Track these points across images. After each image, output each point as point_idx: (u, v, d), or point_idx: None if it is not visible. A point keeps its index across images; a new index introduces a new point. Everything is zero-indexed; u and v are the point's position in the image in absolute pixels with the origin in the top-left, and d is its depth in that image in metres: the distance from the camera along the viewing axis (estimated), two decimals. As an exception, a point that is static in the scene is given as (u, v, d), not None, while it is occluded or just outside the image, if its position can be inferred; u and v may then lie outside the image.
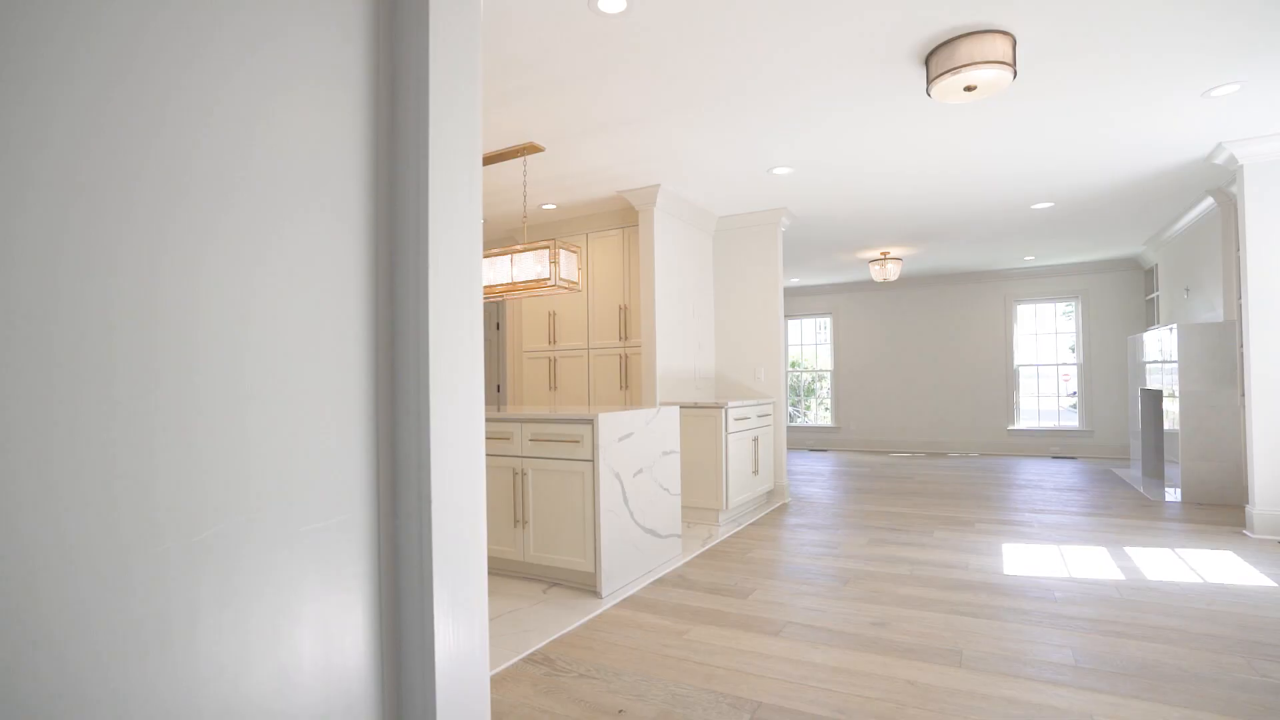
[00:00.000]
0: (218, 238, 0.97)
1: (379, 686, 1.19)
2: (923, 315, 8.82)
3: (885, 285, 9.00)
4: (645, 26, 2.54)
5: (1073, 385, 8.22)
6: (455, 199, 1.27)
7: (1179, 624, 2.52)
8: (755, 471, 4.74)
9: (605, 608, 2.81)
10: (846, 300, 9.32)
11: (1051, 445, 8.08)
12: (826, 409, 9.71)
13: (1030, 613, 2.66)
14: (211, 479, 0.95)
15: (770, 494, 5.11)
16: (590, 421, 2.95)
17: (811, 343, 9.85)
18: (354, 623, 1.15)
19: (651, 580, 3.19)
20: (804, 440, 9.57)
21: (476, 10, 1.32)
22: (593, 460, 2.95)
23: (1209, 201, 4.97)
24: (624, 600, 2.91)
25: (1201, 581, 3.02)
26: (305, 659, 1.07)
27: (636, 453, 3.21)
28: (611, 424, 3.02)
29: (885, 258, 7.00)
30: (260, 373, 1.02)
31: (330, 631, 1.11)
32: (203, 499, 0.94)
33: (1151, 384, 5.76)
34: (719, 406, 4.31)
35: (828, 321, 9.57)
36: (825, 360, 9.68)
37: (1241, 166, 3.88)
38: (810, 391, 9.94)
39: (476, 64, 1.33)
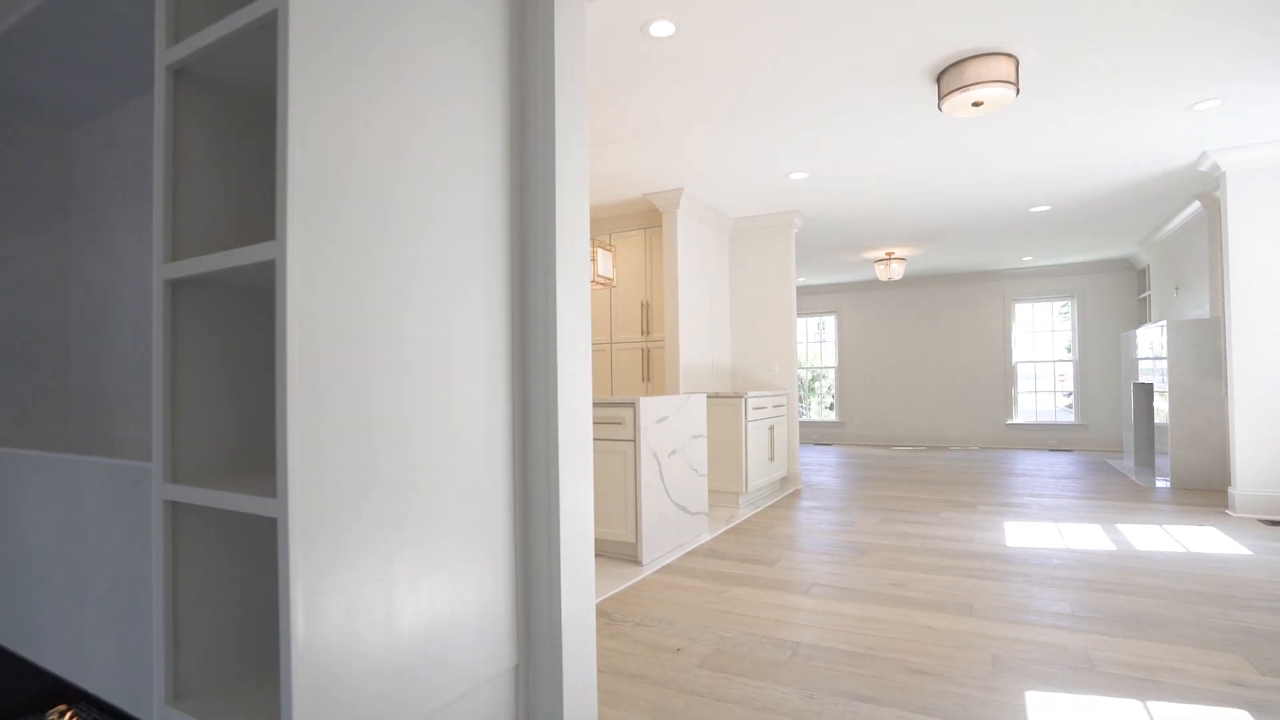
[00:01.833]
0: (421, 294, 1.27)
1: (514, 609, 1.48)
2: (924, 314, 9.13)
3: (889, 284, 9.31)
4: (688, 47, 2.83)
5: (1069, 384, 8.54)
6: (572, 204, 1.57)
7: (1164, 583, 2.82)
8: (771, 458, 5.04)
9: (646, 573, 3.10)
10: (851, 299, 9.62)
11: (1048, 439, 8.40)
12: (827, 407, 10.01)
13: (1032, 576, 2.96)
14: (417, 422, 1.24)
15: (784, 480, 5.41)
16: (632, 405, 3.24)
17: (814, 340, 10.14)
18: (499, 556, 1.45)
19: (684, 552, 3.48)
20: (809, 435, 9.87)
21: (583, 33, 1.62)
22: (634, 440, 3.24)
23: (1196, 205, 5.28)
24: (662, 568, 3.20)
25: (1185, 551, 3.33)
26: (469, 577, 1.36)
27: (670, 435, 3.50)
28: (650, 408, 3.32)
29: (890, 258, 7.31)
30: (443, 355, 1.33)
31: (486, 559, 1.40)
32: (421, 427, 1.24)
33: (1144, 378, 6.07)
34: (739, 396, 4.60)
35: (829, 320, 9.87)
36: (826, 358, 9.98)
37: (1224, 173, 4.19)
38: (810, 390, 10.23)
39: (583, 82, 1.62)
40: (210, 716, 1.14)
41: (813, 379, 10.21)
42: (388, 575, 1.17)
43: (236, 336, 1.33)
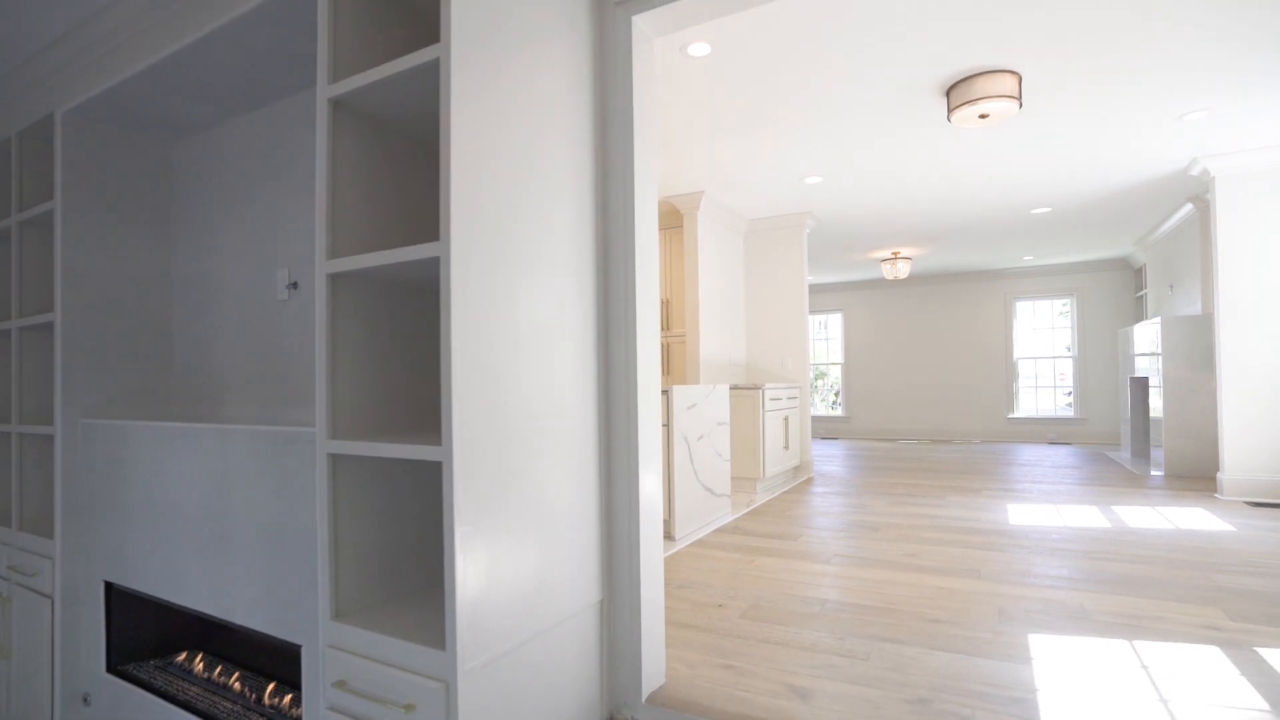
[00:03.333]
0: (535, 287, 1.55)
1: (600, 554, 1.76)
2: (929, 312, 9.41)
3: (894, 283, 9.58)
4: (720, 66, 3.11)
5: (1068, 380, 8.81)
6: (647, 215, 1.85)
7: (1153, 553, 3.10)
8: (786, 447, 5.32)
9: (680, 547, 3.38)
10: (858, 297, 9.90)
11: (1048, 432, 8.68)
12: (829, 405, 10.28)
13: (1033, 547, 3.24)
14: (535, 395, 1.52)
15: (797, 469, 5.68)
16: (666, 392, 3.51)
17: (818, 339, 10.41)
18: (589, 508, 1.72)
19: (712, 529, 3.76)
20: (815, 429, 10.15)
21: (653, 58, 1.90)
22: (667, 425, 3.51)
23: (1188, 208, 5.56)
24: (694, 542, 3.48)
25: (1174, 528, 3.61)
26: (568, 525, 1.64)
27: (699, 421, 3.78)
28: (682, 395, 3.59)
29: (896, 257, 7.58)
30: (551, 341, 1.61)
31: (580, 509, 1.68)
32: (529, 404, 1.52)
33: (1140, 373, 6.35)
34: (757, 388, 4.88)
35: (833, 319, 10.14)
36: (828, 355, 10.26)
37: (1213, 178, 4.46)
38: (813, 387, 10.51)
39: (655, 101, 1.90)
40: (370, 626, 1.42)
41: (816, 376, 10.48)
42: (513, 517, 1.45)
43: (374, 322, 1.60)
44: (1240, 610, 2.32)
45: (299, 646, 1.67)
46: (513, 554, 1.44)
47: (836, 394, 10.30)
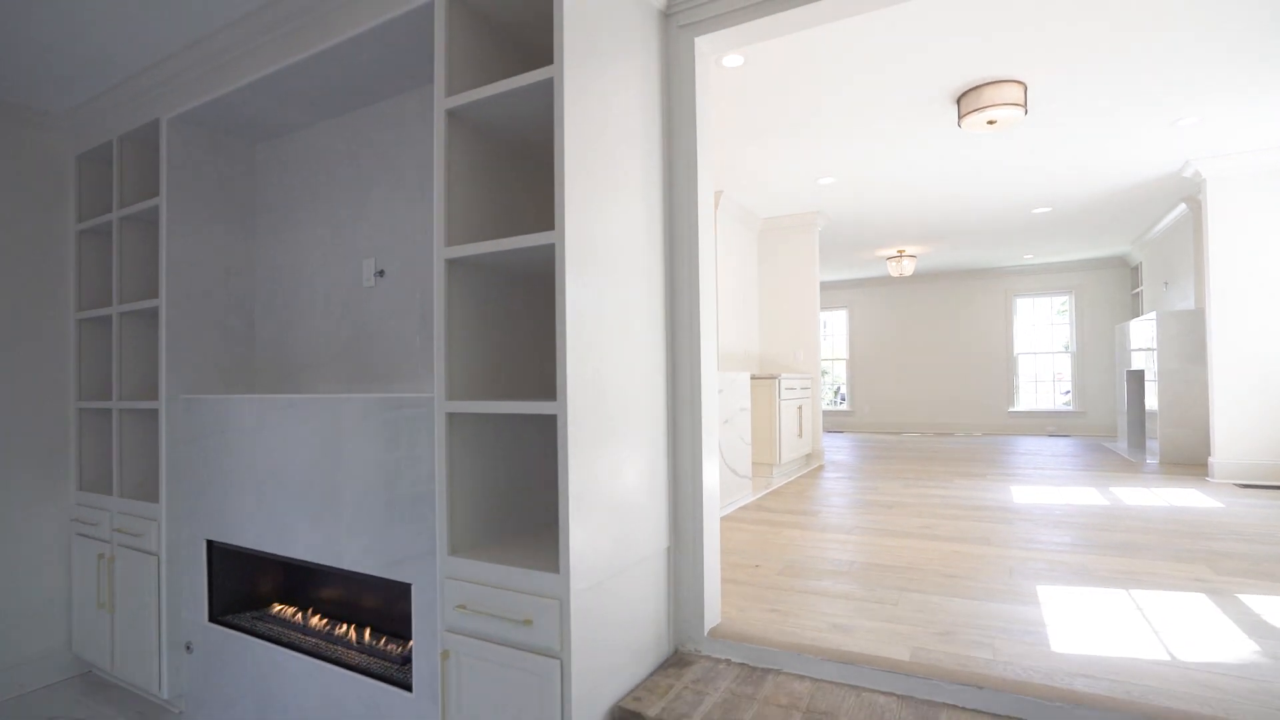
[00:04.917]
0: (618, 282, 1.81)
1: (668, 506, 2.01)
2: (932, 308, 9.69)
3: (899, 280, 9.86)
4: (750, 75, 3.37)
5: (1067, 376, 9.09)
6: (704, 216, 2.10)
7: (1148, 525, 3.36)
8: (800, 435, 5.58)
9: (710, 521, 3.64)
10: (863, 294, 10.17)
11: (1048, 425, 8.97)
12: (829, 401, 10.55)
13: (1037, 521, 3.50)
14: (619, 368, 1.78)
15: (809, 456, 5.95)
16: (696, 378, 3.77)
17: (822, 336, 10.69)
18: (657, 465, 1.98)
19: (736, 507, 4.02)
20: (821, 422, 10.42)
21: (709, 75, 2.15)
22: (697, 409, 3.77)
23: (1182, 208, 5.84)
24: (722, 518, 3.73)
25: (1168, 505, 3.88)
26: (643, 477, 1.89)
27: (724, 406, 4.04)
28: (710, 381, 3.85)
29: (902, 255, 7.85)
30: (629, 319, 1.87)
31: (651, 465, 1.93)
32: (616, 376, 1.77)
33: (1136, 367, 6.62)
34: (773, 377, 5.14)
35: (837, 315, 10.41)
36: (833, 351, 10.52)
37: (1205, 180, 4.74)
38: (816, 384, 10.80)
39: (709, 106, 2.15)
40: (485, 558, 1.67)
41: (820, 373, 10.75)
42: (605, 467, 1.70)
43: (477, 302, 1.85)
44: (1225, 567, 2.59)
45: (409, 585, 1.92)
46: (605, 498, 1.69)
47: (837, 390, 10.57)
